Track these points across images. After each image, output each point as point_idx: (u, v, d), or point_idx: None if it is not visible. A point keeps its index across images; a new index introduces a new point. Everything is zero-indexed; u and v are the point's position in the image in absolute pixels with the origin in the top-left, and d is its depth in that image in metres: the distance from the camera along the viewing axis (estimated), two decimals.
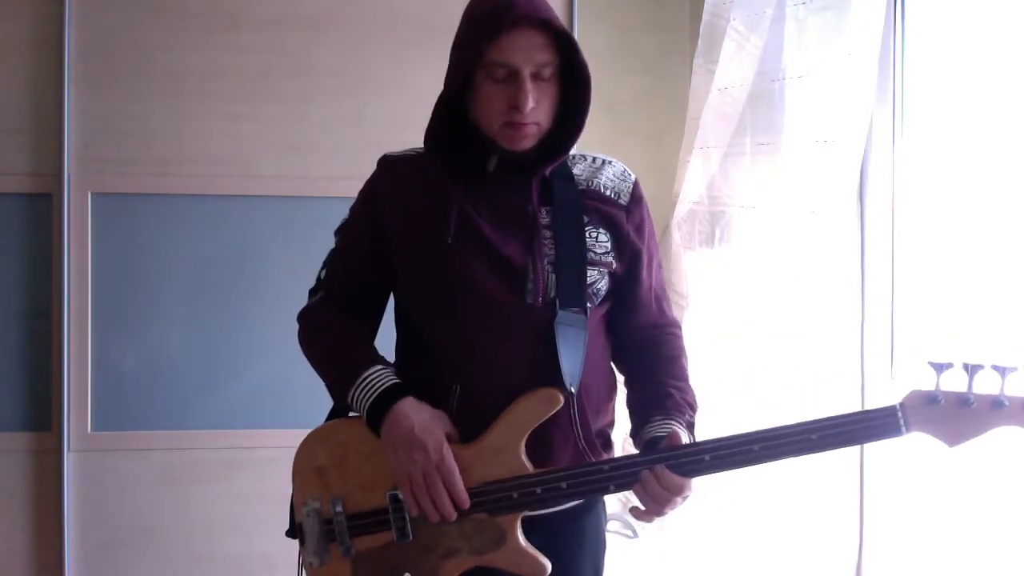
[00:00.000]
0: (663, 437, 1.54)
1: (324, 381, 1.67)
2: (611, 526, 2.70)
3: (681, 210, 2.53)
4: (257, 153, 2.71)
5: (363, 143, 2.71)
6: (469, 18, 1.56)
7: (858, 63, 1.95)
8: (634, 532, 2.66)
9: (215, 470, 2.73)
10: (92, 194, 2.65)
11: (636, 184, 1.68)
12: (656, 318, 1.71)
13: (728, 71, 2.30)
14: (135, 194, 2.67)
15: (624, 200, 1.65)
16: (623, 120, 2.86)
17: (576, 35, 2.77)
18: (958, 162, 1.95)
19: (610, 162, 1.69)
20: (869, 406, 2.09)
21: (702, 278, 2.49)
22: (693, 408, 1.64)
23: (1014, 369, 1.38)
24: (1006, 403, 1.38)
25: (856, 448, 2.10)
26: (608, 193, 1.65)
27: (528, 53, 1.49)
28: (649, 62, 2.87)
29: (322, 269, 1.74)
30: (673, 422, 1.57)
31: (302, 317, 1.72)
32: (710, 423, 2.38)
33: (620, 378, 1.73)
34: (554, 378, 1.54)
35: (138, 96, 2.65)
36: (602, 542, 1.74)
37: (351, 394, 1.58)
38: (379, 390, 1.57)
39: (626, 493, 1.55)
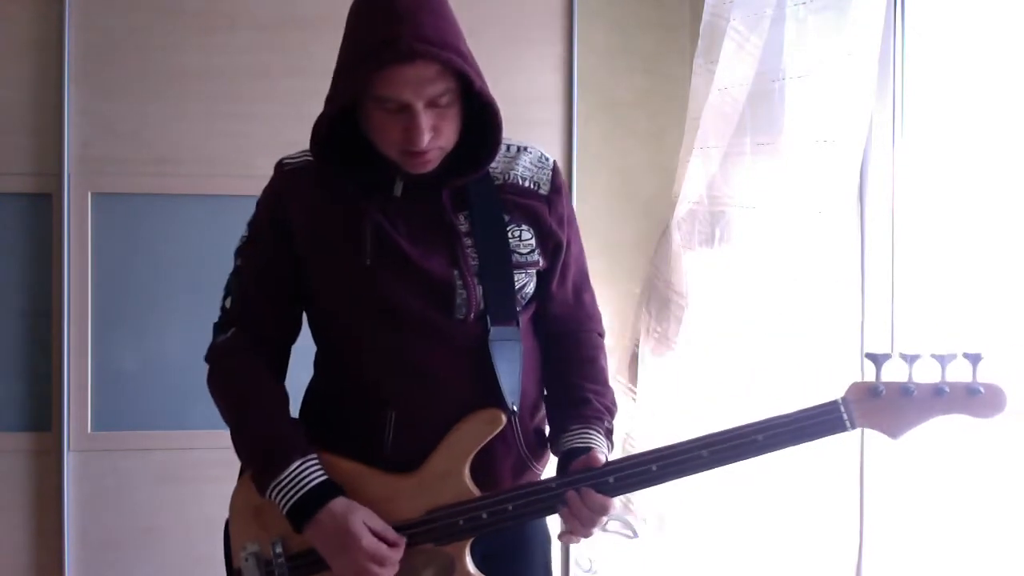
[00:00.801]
0: (582, 448, 1.51)
1: (234, 443, 1.57)
2: (611, 526, 2.70)
3: (681, 210, 2.53)
4: (257, 153, 2.70)
5: None
6: (353, 38, 1.45)
7: (858, 63, 1.95)
8: (634, 532, 2.66)
9: (215, 470, 2.72)
10: (92, 194, 2.65)
11: (555, 170, 1.61)
12: (573, 310, 1.65)
13: (728, 71, 2.30)
14: (135, 194, 2.67)
15: (544, 190, 1.58)
16: (623, 120, 2.86)
17: (576, 35, 2.77)
18: (958, 162, 1.95)
19: (526, 148, 1.60)
20: None
21: (702, 278, 2.49)
22: (611, 412, 1.61)
23: (953, 357, 1.38)
24: (947, 390, 1.38)
25: (856, 447, 2.10)
26: (527, 184, 1.57)
27: (418, 88, 1.38)
28: (649, 62, 2.87)
29: (225, 297, 1.59)
30: (592, 432, 1.55)
31: (211, 360, 1.59)
32: (711, 422, 2.38)
33: None
34: (493, 395, 1.49)
35: (138, 96, 2.66)
36: (548, 538, 1.69)
37: (270, 488, 1.49)
38: (301, 492, 1.47)
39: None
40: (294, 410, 1.62)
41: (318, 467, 1.49)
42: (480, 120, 1.48)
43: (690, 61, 2.54)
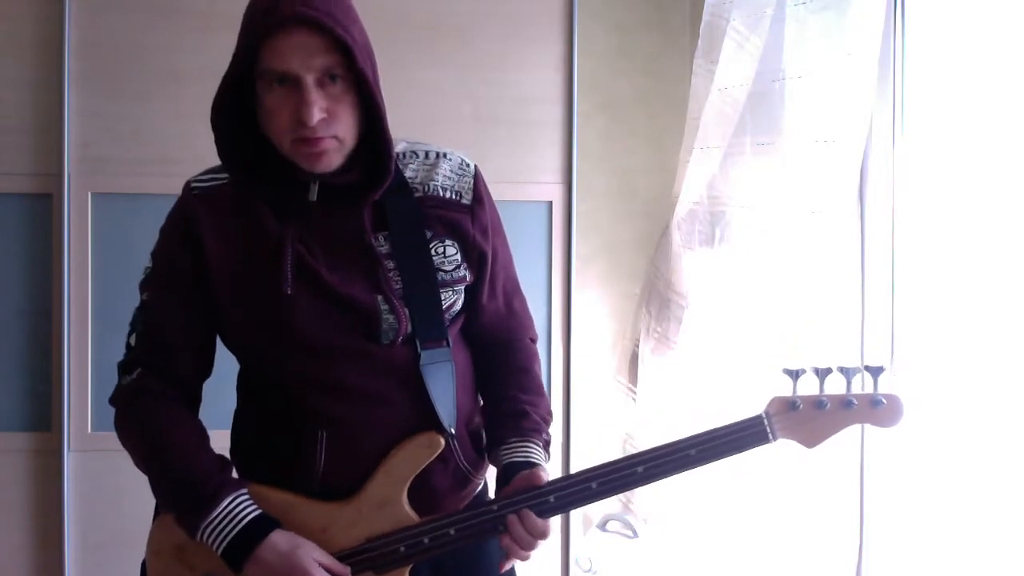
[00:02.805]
0: (522, 463, 1.51)
1: (154, 488, 1.50)
2: (611, 526, 2.70)
3: (681, 210, 2.53)
4: None
5: None
6: (243, 22, 1.43)
7: (858, 63, 1.95)
8: (634, 532, 2.66)
9: None
10: (92, 194, 2.65)
11: (477, 177, 1.55)
12: (505, 320, 1.62)
13: (728, 71, 2.30)
14: (135, 194, 2.67)
15: (467, 199, 1.52)
16: (623, 120, 2.86)
17: (576, 35, 2.77)
18: (958, 162, 1.95)
19: (445, 155, 1.54)
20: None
21: (702, 278, 2.49)
22: (547, 423, 1.60)
23: (857, 370, 1.50)
24: (855, 403, 1.50)
25: (856, 448, 2.10)
26: (448, 195, 1.51)
27: (304, 58, 1.33)
28: (649, 62, 2.87)
29: (130, 334, 1.53)
30: (531, 445, 1.54)
31: (118, 403, 1.52)
32: (711, 422, 2.38)
33: None
34: (429, 419, 1.47)
35: (138, 96, 2.65)
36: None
37: (201, 529, 1.42)
38: (236, 528, 1.41)
39: (626, 493, 1.54)
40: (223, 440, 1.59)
41: (250, 501, 1.44)
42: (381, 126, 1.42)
43: (690, 61, 2.54)
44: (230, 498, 1.43)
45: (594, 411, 2.82)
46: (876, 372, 1.49)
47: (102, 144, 2.65)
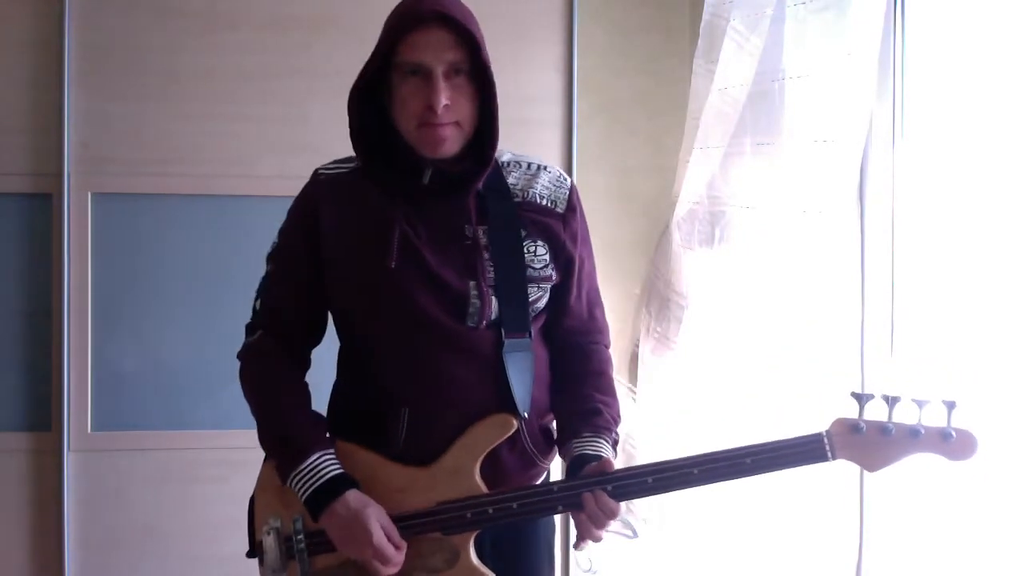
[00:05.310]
0: (593, 456, 1.60)
1: (259, 435, 1.66)
2: (611, 526, 2.70)
3: (681, 210, 2.53)
4: (257, 153, 2.71)
5: None
6: (388, 19, 1.57)
7: (858, 63, 1.95)
8: (634, 532, 2.66)
9: (215, 470, 2.72)
10: (92, 194, 2.65)
11: (572, 190, 1.70)
12: (586, 324, 1.74)
13: (728, 71, 2.30)
14: (135, 194, 2.68)
15: (560, 208, 1.66)
16: (623, 120, 2.86)
17: (576, 35, 2.77)
18: (958, 162, 1.95)
19: (545, 168, 1.69)
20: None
21: (702, 278, 2.49)
22: (617, 423, 1.70)
23: (928, 402, 1.48)
24: (922, 432, 1.49)
25: None
26: (544, 203, 1.65)
27: (437, 51, 1.50)
28: (649, 62, 2.87)
29: (256, 299, 1.70)
30: (602, 441, 1.63)
31: (241, 359, 1.70)
32: (710, 422, 2.38)
33: None
34: (506, 402, 1.59)
35: (138, 96, 2.66)
36: (551, 524, 1.79)
37: (290, 477, 1.59)
38: (318, 482, 1.57)
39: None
40: (321, 409, 1.71)
41: (334, 460, 1.59)
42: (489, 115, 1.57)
43: (690, 61, 2.54)
44: (317, 455, 1.58)
45: None
46: (950, 406, 1.48)
47: (102, 144, 2.66)
